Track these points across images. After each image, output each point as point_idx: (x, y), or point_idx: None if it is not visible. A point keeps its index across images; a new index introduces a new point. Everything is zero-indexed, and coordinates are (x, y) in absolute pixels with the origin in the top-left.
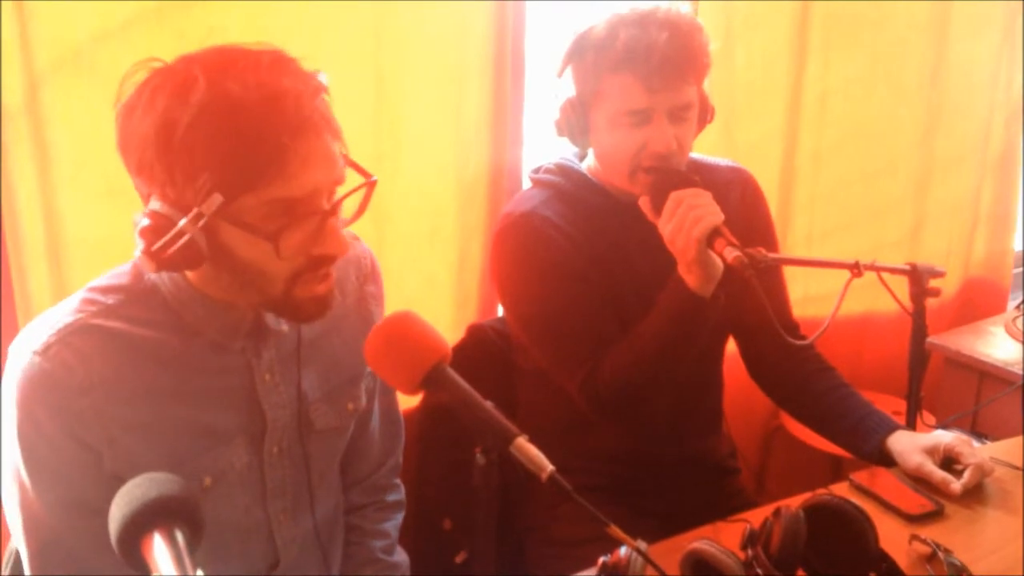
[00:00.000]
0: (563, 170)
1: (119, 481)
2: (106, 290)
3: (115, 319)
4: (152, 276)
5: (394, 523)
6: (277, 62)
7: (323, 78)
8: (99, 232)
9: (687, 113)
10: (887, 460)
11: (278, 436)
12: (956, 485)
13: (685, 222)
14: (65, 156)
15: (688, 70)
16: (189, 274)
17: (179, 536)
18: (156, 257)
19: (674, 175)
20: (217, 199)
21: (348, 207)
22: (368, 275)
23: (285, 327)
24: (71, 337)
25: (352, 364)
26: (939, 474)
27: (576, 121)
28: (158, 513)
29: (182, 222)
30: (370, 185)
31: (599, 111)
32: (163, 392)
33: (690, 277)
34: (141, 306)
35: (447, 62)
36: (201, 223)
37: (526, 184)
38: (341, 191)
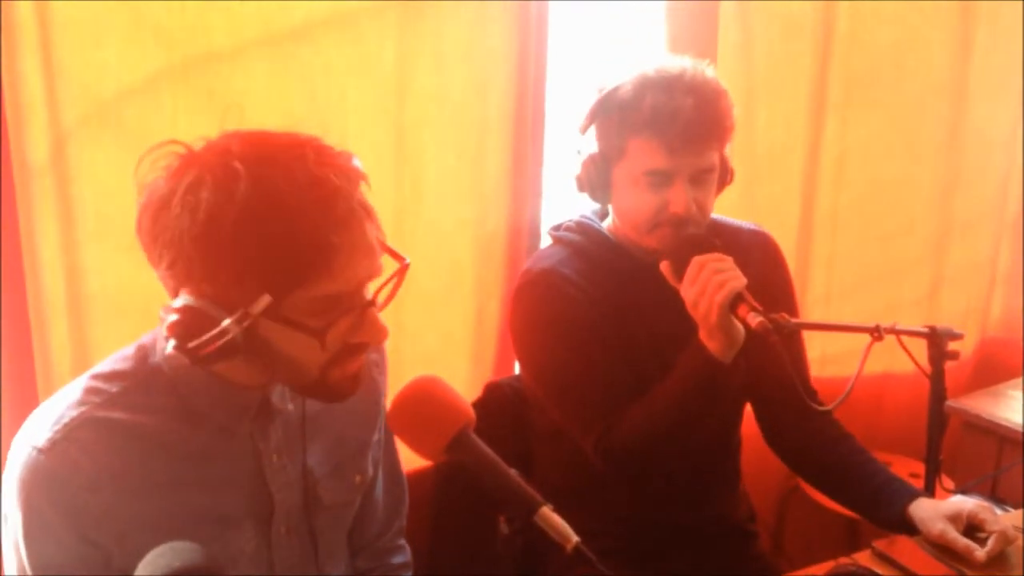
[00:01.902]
0: (583, 228)
1: None
2: (110, 377)
3: (120, 409)
4: (157, 359)
5: None
6: (321, 153)
7: (358, 163)
8: (120, 287)
9: (708, 176)
10: (908, 527)
11: (285, 516)
12: (980, 553)
13: (708, 287)
14: (89, 212)
15: (711, 136)
16: None
17: None
18: (193, 353)
19: (695, 239)
20: (265, 299)
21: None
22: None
23: (291, 405)
24: (76, 432)
25: (358, 435)
26: (962, 541)
27: (597, 178)
28: None
29: (226, 322)
30: (404, 269)
31: (621, 170)
32: (171, 482)
33: (712, 343)
34: (146, 392)
35: (467, 120)
36: (247, 323)
37: (545, 243)
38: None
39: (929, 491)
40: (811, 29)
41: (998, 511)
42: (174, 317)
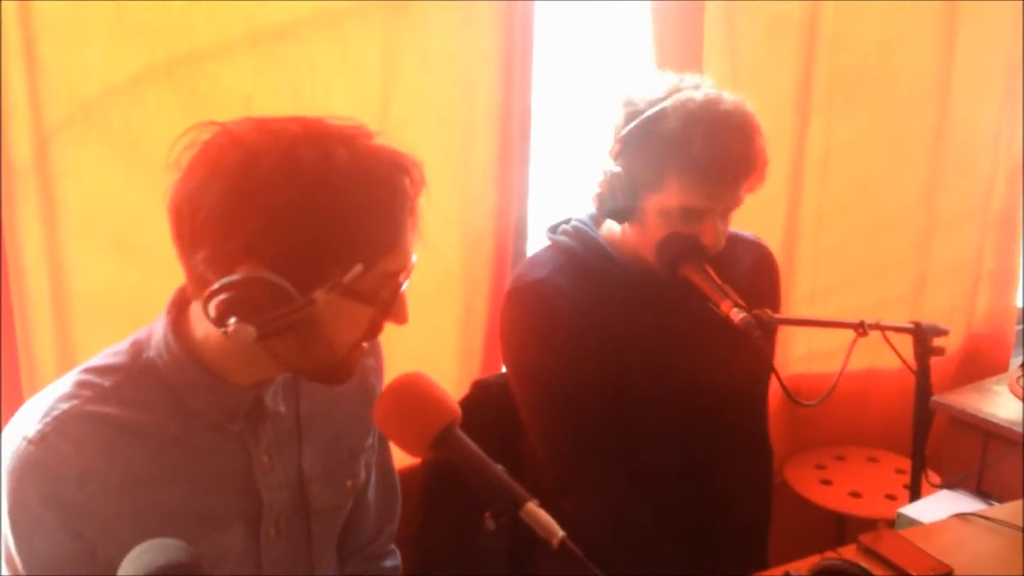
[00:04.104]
0: (580, 235)
1: (112, 571)
2: (102, 371)
3: (112, 404)
4: (151, 354)
5: None
6: (379, 134)
7: None
8: (104, 287)
9: (735, 209)
10: None
11: (275, 518)
12: None
13: None
14: (73, 212)
15: (750, 178)
16: (208, 343)
17: None
18: (263, 326)
19: (692, 250)
20: (358, 269)
21: None
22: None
23: (283, 407)
24: (67, 426)
25: (352, 440)
26: None
27: (624, 201)
28: None
29: (318, 292)
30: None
31: (653, 201)
32: (160, 479)
33: None
34: (138, 387)
35: (453, 120)
36: (332, 293)
37: (532, 242)
38: None
39: (915, 485)
40: (796, 29)
41: (983, 506)
42: (226, 295)
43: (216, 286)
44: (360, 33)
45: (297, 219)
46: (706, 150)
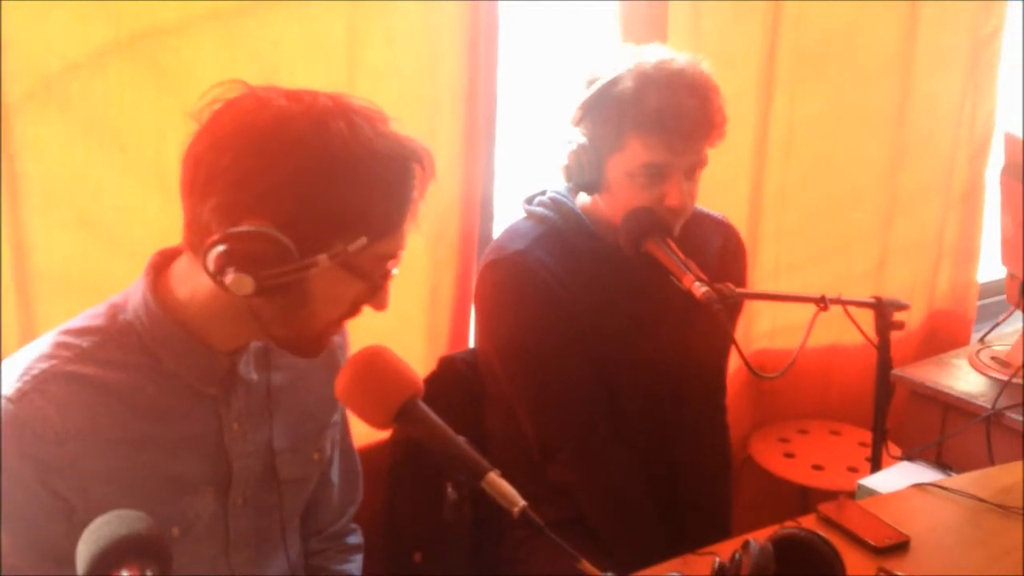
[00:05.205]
0: (558, 206)
1: None
2: (81, 332)
3: (90, 364)
4: (128, 316)
5: (356, 564)
6: (393, 121)
7: None
8: (68, 264)
9: (700, 169)
10: None
11: (243, 487)
12: None
13: None
14: (35, 188)
15: (711, 134)
16: (192, 303)
17: (149, 575)
18: (260, 280)
19: (656, 223)
20: (362, 242)
21: None
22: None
23: (255, 375)
24: (46, 385)
25: (319, 414)
26: None
27: (589, 170)
28: (127, 551)
29: (321, 257)
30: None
31: (616, 163)
32: (137, 440)
33: None
34: (116, 348)
35: (419, 97)
36: (333, 261)
37: (499, 219)
38: None
39: (876, 457)
40: (761, 5)
41: (942, 476)
42: (229, 246)
43: (221, 235)
44: (324, 8)
45: (317, 183)
46: (660, 103)
